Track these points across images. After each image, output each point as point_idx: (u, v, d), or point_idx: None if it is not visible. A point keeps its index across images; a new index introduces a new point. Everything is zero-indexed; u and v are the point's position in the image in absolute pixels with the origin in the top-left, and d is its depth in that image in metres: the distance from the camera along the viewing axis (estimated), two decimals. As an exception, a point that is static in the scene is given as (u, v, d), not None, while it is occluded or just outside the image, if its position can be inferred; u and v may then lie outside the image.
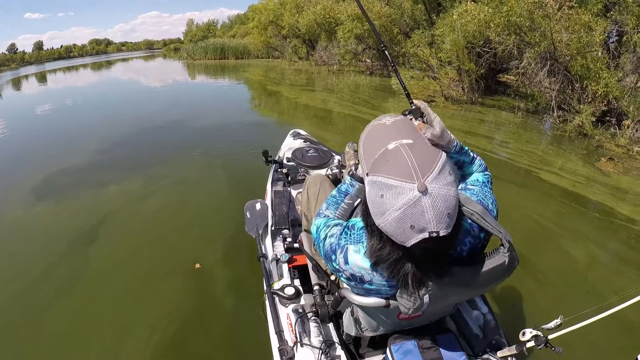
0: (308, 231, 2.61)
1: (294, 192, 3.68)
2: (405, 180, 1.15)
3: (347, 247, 1.49)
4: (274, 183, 3.80)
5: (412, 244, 1.16)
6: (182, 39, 76.45)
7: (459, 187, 1.63)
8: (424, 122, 1.55)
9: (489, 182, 1.66)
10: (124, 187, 6.44)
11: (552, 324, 1.61)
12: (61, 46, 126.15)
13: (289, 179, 3.90)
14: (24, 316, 3.59)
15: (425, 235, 1.13)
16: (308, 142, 4.64)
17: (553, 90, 10.28)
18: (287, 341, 2.09)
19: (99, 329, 3.38)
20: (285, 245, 2.85)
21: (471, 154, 1.66)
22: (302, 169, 4.03)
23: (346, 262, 1.49)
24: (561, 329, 1.65)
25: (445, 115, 10.92)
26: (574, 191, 6.01)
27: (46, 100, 19.01)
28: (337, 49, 21.88)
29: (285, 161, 4.22)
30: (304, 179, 3.71)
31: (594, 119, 9.05)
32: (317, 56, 25.33)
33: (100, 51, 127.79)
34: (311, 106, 13.53)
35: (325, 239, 1.60)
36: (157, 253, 4.41)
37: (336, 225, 1.62)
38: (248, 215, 3.54)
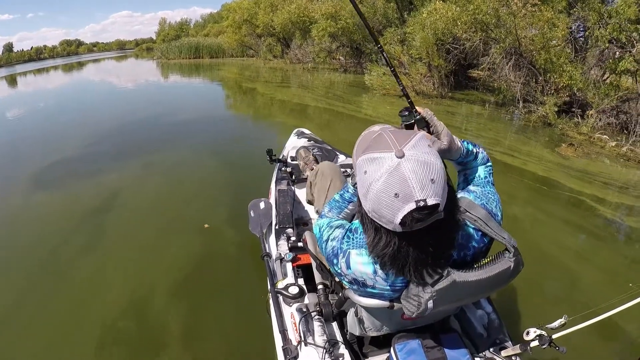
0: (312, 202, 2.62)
1: (298, 191, 3.68)
2: (384, 151, 1.15)
3: (349, 252, 1.45)
4: (278, 182, 3.75)
5: (400, 217, 1.11)
6: (155, 38, 75.18)
7: (460, 187, 1.67)
8: (430, 132, 1.55)
9: (490, 175, 1.65)
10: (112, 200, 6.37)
11: (556, 324, 1.63)
12: (31, 48, 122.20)
13: (293, 177, 3.88)
14: (55, 269, 4.28)
15: (412, 205, 1.09)
16: (312, 141, 4.59)
17: (518, 83, 10.65)
18: (291, 340, 2.08)
19: (117, 275, 4.08)
20: (289, 244, 2.81)
21: (474, 149, 1.64)
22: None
23: (348, 267, 1.46)
24: (565, 329, 1.67)
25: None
26: (540, 174, 6.56)
27: (21, 103, 18.87)
28: (311, 47, 21.93)
29: (289, 160, 4.24)
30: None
31: (556, 109, 9.45)
32: (291, 54, 25.33)
33: (72, 52, 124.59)
34: (288, 101, 13.81)
35: (327, 241, 1.57)
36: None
37: (339, 227, 1.58)
38: (252, 214, 3.53)
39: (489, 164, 1.67)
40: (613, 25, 8.78)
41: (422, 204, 1.07)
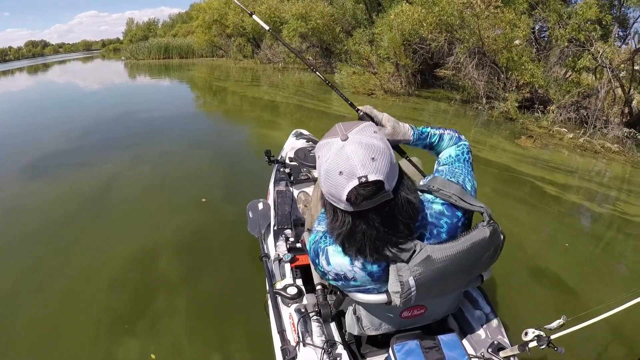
0: (310, 230, 2.52)
1: (296, 192, 3.64)
2: (333, 137, 1.27)
3: (326, 249, 1.52)
4: (276, 183, 3.74)
5: (346, 193, 1.20)
6: (122, 39, 74.17)
7: (434, 170, 1.72)
8: (375, 124, 1.66)
9: (465, 153, 1.70)
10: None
11: (554, 324, 1.64)
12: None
13: (292, 178, 3.84)
14: (62, 243, 4.56)
15: (355, 181, 1.18)
16: (311, 142, 4.55)
17: (482, 81, 11.05)
18: (289, 341, 2.06)
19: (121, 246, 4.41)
20: (288, 245, 2.80)
21: (436, 132, 1.74)
22: (304, 169, 3.97)
23: (328, 263, 1.51)
24: (564, 329, 1.68)
25: (384, 106, 11.41)
26: (503, 163, 7.03)
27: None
28: (282, 48, 21.70)
29: (287, 161, 4.18)
30: (307, 179, 3.78)
31: (518, 105, 9.90)
32: (262, 54, 25.31)
33: (37, 54, 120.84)
34: (260, 98, 13.98)
35: (311, 247, 1.62)
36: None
37: (320, 233, 1.63)
38: (250, 215, 3.50)
39: (461, 143, 1.74)
40: (572, 25, 9.22)
41: (363, 180, 1.17)
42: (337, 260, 1.49)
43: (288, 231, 3.01)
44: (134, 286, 3.73)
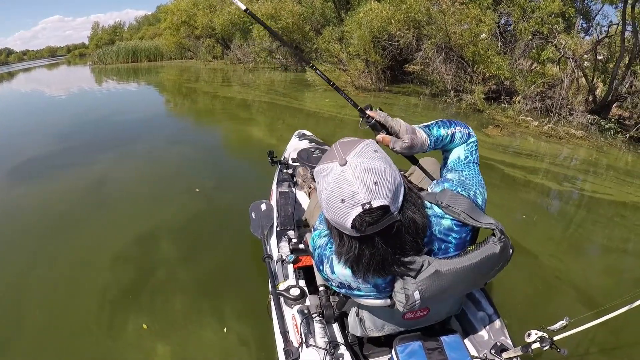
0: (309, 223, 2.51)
1: (299, 193, 3.59)
2: (330, 161, 1.20)
3: (331, 258, 1.47)
4: (279, 184, 3.65)
5: (350, 221, 1.15)
6: (87, 43, 72.98)
7: (441, 173, 1.65)
8: (388, 133, 1.56)
9: (474, 152, 1.61)
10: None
11: (557, 326, 1.62)
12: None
13: (295, 179, 3.80)
14: (64, 233, 4.73)
15: (359, 208, 1.12)
16: (314, 143, 4.50)
17: (449, 75, 11.31)
18: (292, 342, 2.05)
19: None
20: (291, 246, 2.75)
21: (448, 132, 1.60)
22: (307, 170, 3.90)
23: (332, 272, 1.47)
24: (566, 331, 1.67)
25: (356, 100, 11.73)
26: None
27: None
28: (252, 48, 21.72)
29: (290, 162, 4.11)
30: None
31: (485, 97, 10.19)
32: (232, 55, 24.98)
33: (1, 62, 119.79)
34: (233, 97, 13.96)
35: (315, 249, 1.58)
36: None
37: (325, 236, 1.57)
38: (253, 216, 3.45)
39: (471, 140, 1.64)
40: (535, 19, 9.51)
41: (367, 206, 1.12)
42: (341, 270, 1.45)
43: (291, 232, 2.96)
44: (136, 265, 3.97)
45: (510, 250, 1.40)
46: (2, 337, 3.14)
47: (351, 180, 1.13)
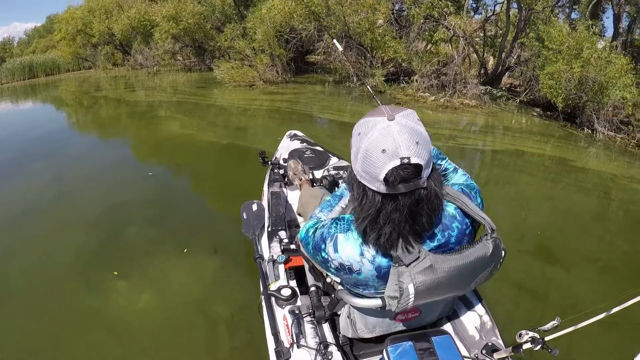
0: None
1: (290, 193, 3.52)
2: (378, 116, 1.20)
3: (336, 235, 1.43)
4: (270, 184, 3.60)
5: (385, 172, 1.14)
6: (-29, 64, 68.32)
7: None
8: None
9: (474, 190, 1.58)
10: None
11: (548, 326, 1.58)
12: None
13: (286, 180, 3.71)
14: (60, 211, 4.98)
15: (397, 161, 1.12)
16: (305, 143, 4.42)
17: (350, 62, 11.76)
18: (283, 342, 2.00)
19: None
20: (282, 247, 2.70)
21: (453, 164, 1.70)
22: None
23: (335, 251, 1.42)
24: (558, 331, 1.63)
25: (265, 92, 12.05)
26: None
27: None
28: (155, 51, 20.70)
29: (282, 162, 4.00)
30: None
31: (385, 79, 10.82)
32: (132, 61, 23.60)
33: None
34: (138, 101, 13.45)
35: (315, 231, 1.53)
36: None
37: (327, 219, 1.57)
38: (244, 216, 3.33)
39: (473, 183, 1.67)
40: (426, 4, 10.15)
41: (406, 161, 1.12)
42: (346, 249, 1.40)
43: (282, 232, 2.89)
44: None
45: (503, 252, 1.43)
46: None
47: (396, 135, 1.14)
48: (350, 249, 1.39)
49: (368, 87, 2.41)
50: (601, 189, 6.14)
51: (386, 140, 1.15)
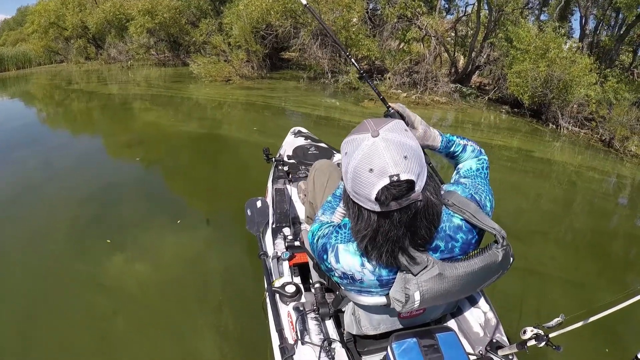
0: (312, 219, 2.39)
1: (294, 190, 3.48)
2: (362, 133, 1.15)
3: (337, 246, 1.41)
4: (274, 181, 3.55)
5: (375, 192, 1.10)
6: (-61, 58, 66.31)
7: (453, 180, 1.60)
8: (405, 124, 1.44)
9: (485, 168, 1.57)
10: None
11: (553, 323, 1.55)
12: None
13: (290, 176, 3.67)
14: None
15: (386, 179, 1.08)
16: (309, 140, 4.36)
17: (325, 59, 11.96)
18: (287, 339, 2.00)
19: None
20: (286, 243, 2.67)
21: (461, 142, 1.60)
22: (303, 167, 3.79)
23: (337, 261, 1.40)
24: (562, 328, 1.61)
25: (241, 87, 12.01)
26: (354, 121, 7.86)
27: None
28: (129, 45, 20.34)
29: (286, 159, 3.96)
30: (306, 177, 3.50)
31: (359, 76, 10.91)
32: (106, 55, 22.85)
33: None
34: (115, 94, 13.07)
35: (318, 239, 1.50)
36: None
37: (329, 226, 1.53)
38: (249, 213, 3.30)
39: (482, 157, 1.63)
40: (400, 4, 10.28)
41: (395, 178, 1.07)
42: (347, 259, 1.38)
43: (286, 229, 2.86)
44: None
45: (511, 259, 1.40)
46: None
47: (382, 152, 1.09)
48: (351, 260, 1.38)
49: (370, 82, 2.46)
50: (567, 178, 6.68)
51: (372, 158, 1.11)
